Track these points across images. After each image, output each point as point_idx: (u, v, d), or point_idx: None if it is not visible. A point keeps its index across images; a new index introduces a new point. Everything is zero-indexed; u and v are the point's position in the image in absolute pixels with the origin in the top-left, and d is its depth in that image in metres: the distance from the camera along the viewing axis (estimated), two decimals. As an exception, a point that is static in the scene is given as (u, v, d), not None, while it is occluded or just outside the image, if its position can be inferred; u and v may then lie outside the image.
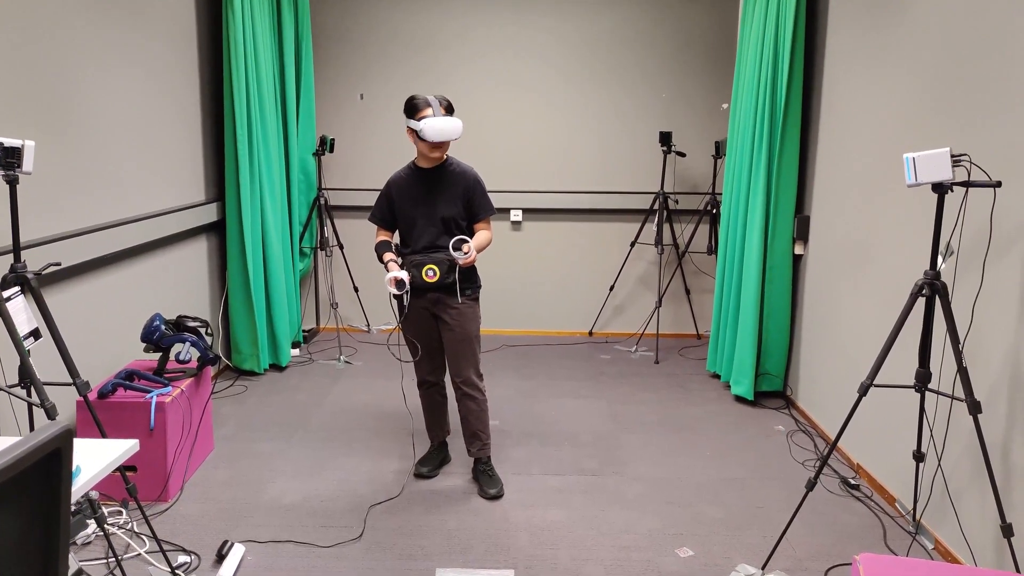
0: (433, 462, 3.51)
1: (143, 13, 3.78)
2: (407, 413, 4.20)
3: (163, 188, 4.03)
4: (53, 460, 1.00)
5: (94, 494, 2.65)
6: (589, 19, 5.40)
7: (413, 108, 3.11)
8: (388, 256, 3.22)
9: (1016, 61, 2.49)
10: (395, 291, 3.11)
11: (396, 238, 4.44)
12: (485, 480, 3.34)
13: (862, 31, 3.61)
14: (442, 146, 3.15)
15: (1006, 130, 2.54)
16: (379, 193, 3.33)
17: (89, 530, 2.88)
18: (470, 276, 3.28)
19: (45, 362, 3.04)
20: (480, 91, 5.50)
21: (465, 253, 3.07)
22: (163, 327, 3.30)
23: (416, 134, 3.11)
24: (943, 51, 2.93)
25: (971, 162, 2.38)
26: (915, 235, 3.10)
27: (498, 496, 3.28)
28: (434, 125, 3.05)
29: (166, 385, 3.27)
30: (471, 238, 3.31)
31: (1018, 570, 2.39)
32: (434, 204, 3.21)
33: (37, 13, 2.98)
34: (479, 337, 3.30)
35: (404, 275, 3.11)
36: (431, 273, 3.17)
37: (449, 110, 3.13)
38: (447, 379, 3.95)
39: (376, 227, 3.36)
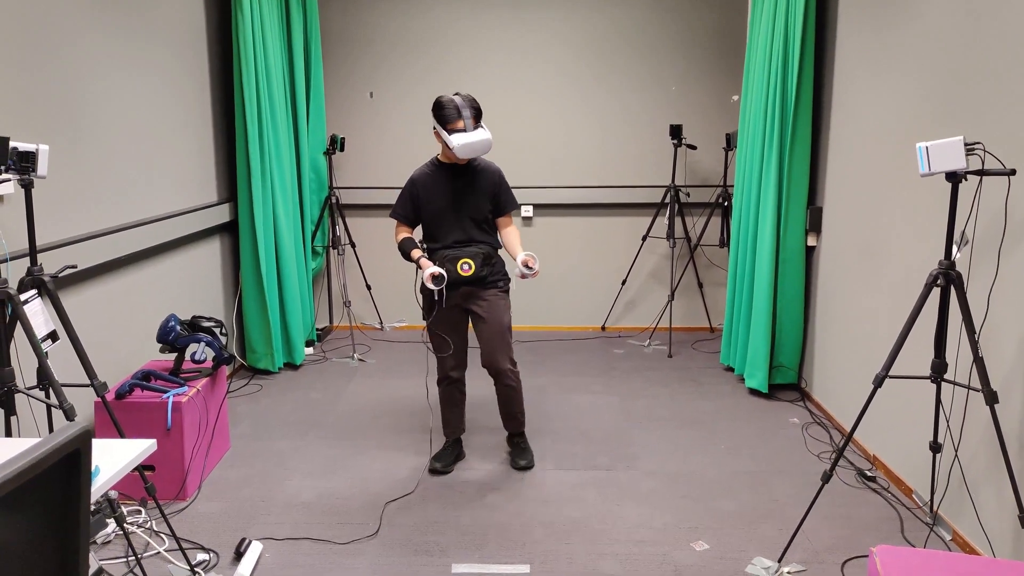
0: (448, 458, 3.52)
1: (153, 16, 3.80)
2: (420, 410, 4.21)
3: (176, 190, 4.06)
4: (72, 461, 1.02)
5: (113, 494, 2.67)
6: (595, 14, 5.38)
7: (444, 117, 3.13)
8: (417, 253, 3.26)
9: (1029, 47, 2.47)
10: (433, 286, 3.13)
11: (416, 234, 4.47)
12: (517, 452, 3.49)
13: (873, 22, 3.58)
14: None
15: (1019, 118, 2.51)
16: (402, 190, 3.36)
17: (109, 529, 2.91)
18: (500, 269, 3.36)
19: (63, 364, 3.07)
20: (490, 87, 5.49)
21: (531, 267, 3.19)
22: (178, 327, 3.33)
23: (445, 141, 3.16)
24: (955, 40, 2.90)
25: (985, 150, 2.36)
26: (929, 225, 3.08)
27: (528, 467, 3.43)
28: (465, 144, 3.11)
29: (182, 385, 3.30)
30: (497, 232, 3.40)
31: (1037, 561, 2.37)
32: (462, 200, 3.27)
33: (48, 19, 3.00)
34: (511, 327, 3.34)
35: (442, 270, 3.15)
36: (466, 267, 3.22)
37: (478, 117, 3.16)
38: (466, 374, 3.98)
39: (396, 224, 3.39)
